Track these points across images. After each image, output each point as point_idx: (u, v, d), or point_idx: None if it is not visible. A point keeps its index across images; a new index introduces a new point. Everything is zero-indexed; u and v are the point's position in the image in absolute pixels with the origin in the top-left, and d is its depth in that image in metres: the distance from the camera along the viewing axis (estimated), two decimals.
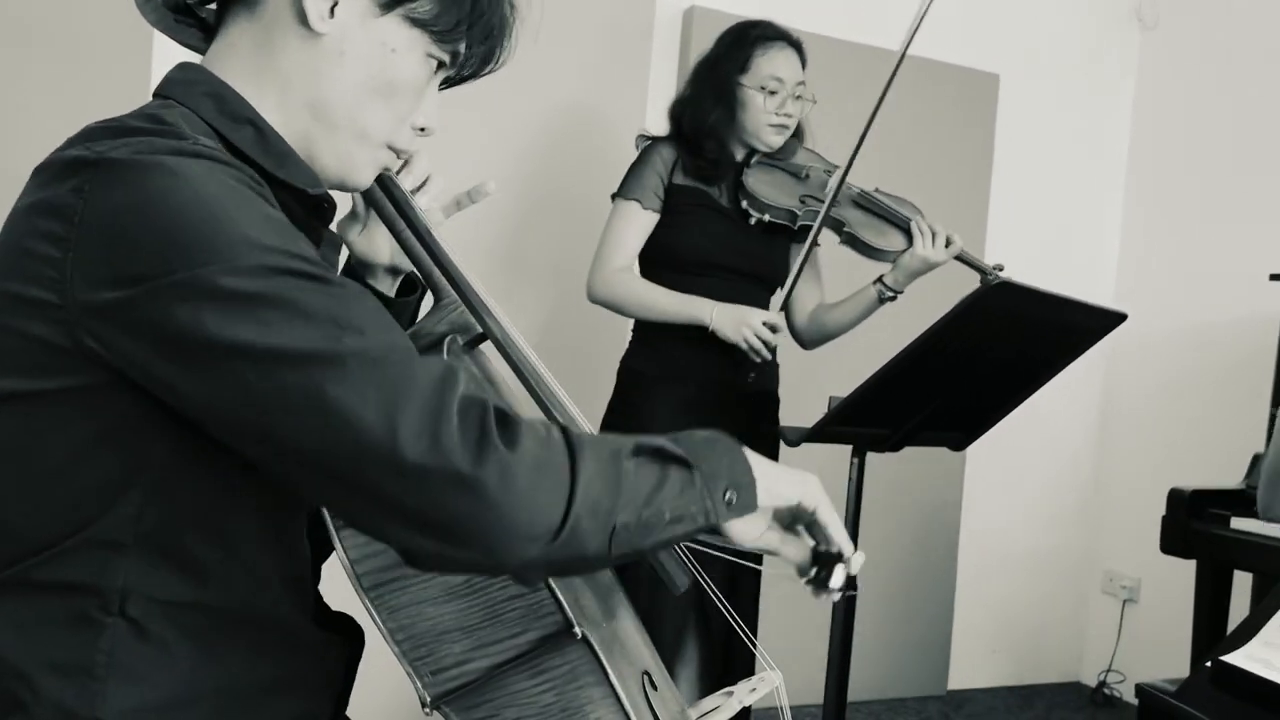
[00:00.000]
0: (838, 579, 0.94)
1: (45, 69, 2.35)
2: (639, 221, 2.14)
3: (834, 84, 3.19)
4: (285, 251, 0.76)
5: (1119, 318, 1.75)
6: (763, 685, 1.01)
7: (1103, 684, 3.61)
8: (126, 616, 0.82)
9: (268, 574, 0.88)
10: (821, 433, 1.69)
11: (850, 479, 1.84)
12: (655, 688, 0.97)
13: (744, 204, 2.15)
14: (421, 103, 0.95)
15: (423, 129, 0.97)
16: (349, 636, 0.98)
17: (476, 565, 0.77)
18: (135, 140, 0.79)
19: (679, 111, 2.23)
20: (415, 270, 1.08)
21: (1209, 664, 1.19)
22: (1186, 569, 2.89)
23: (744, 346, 2.05)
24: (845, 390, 1.74)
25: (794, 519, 0.95)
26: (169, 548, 0.83)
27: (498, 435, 0.73)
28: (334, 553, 0.92)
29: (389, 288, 1.12)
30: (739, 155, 2.19)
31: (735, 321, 2.06)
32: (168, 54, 2.44)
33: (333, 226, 1.01)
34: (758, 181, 2.16)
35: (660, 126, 2.28)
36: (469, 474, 0.71)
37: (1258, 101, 3.34)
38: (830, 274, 2.36)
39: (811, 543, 0.96)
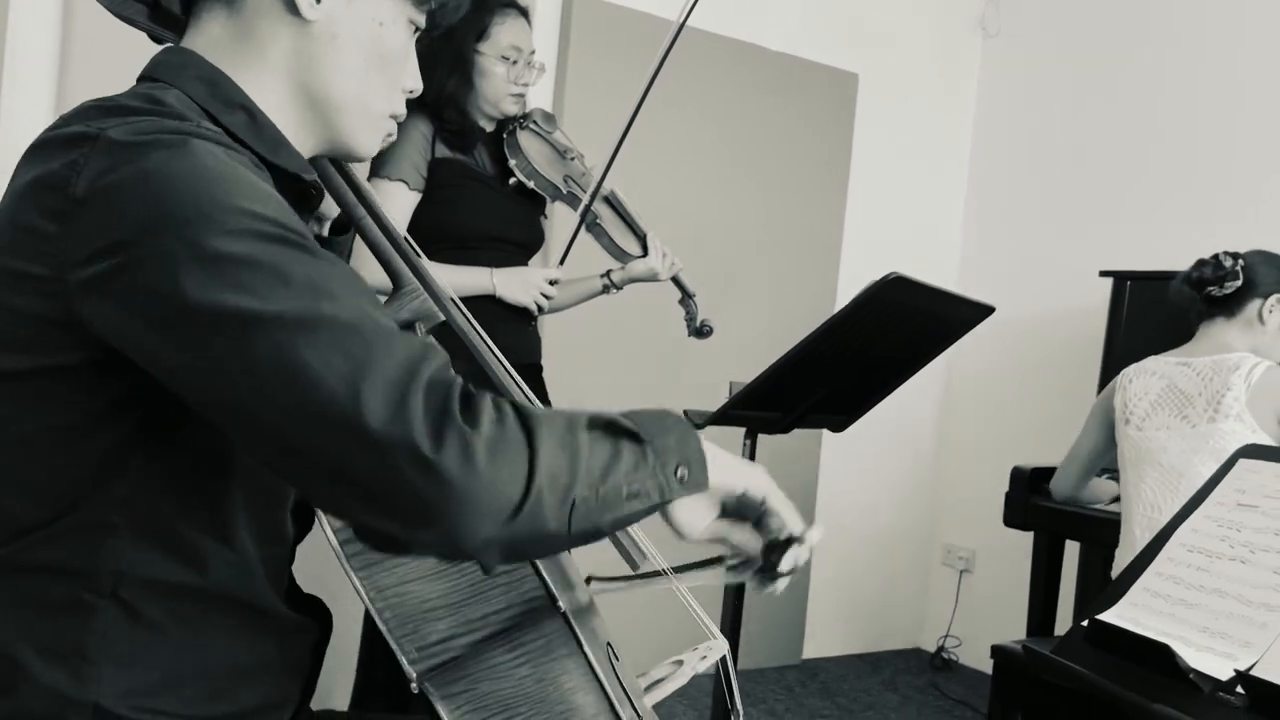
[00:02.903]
0: (788, 562, 0.93)
1: None
2: (405, 202, 2.08)
3: (707, 79, 3.30)
4: (274, 220, 0.76)
5: (988, 310, 1.90)
6: (712, 653, 1.07)
7: (941, 649, 3.87)
8: (118, 599, 0.82)
9: (253, 558, 0.89)
10: (724, 416, 1.77)
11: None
12: (618, 658, 1.02)
13: (511, 163, 2.15)
14: (409, 65, 0.97)
15: (410, 90, 0.98)
16: (319, 620, 1.00)
17: (433, 546, 0.74)
18: (137, 120, 0.78)
19: None
20: (343, 211, 1.07)
21: (1085, 623, 1.33)
22: (1015, 541, 3.13)
23: (533, 307, 2.14)
24: (744, 377, 1.83)
25: (740, 513, 0.94)
26: (161, 530, 0.83)
27: (460, 414, 0.71)
28: (314, 531, 0.93)
29: (316, 229, 1.11)
30: (481, 122, 2.17)
31: (522, 284, 2.13)
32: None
33: None
34: (529, 147, 2.17)
35: None
36: (429, 453, 0.69)
37: (1089, 107, 3.63)
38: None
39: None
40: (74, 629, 0.81)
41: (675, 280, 2.31)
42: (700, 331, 2.33)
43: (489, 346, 1.08)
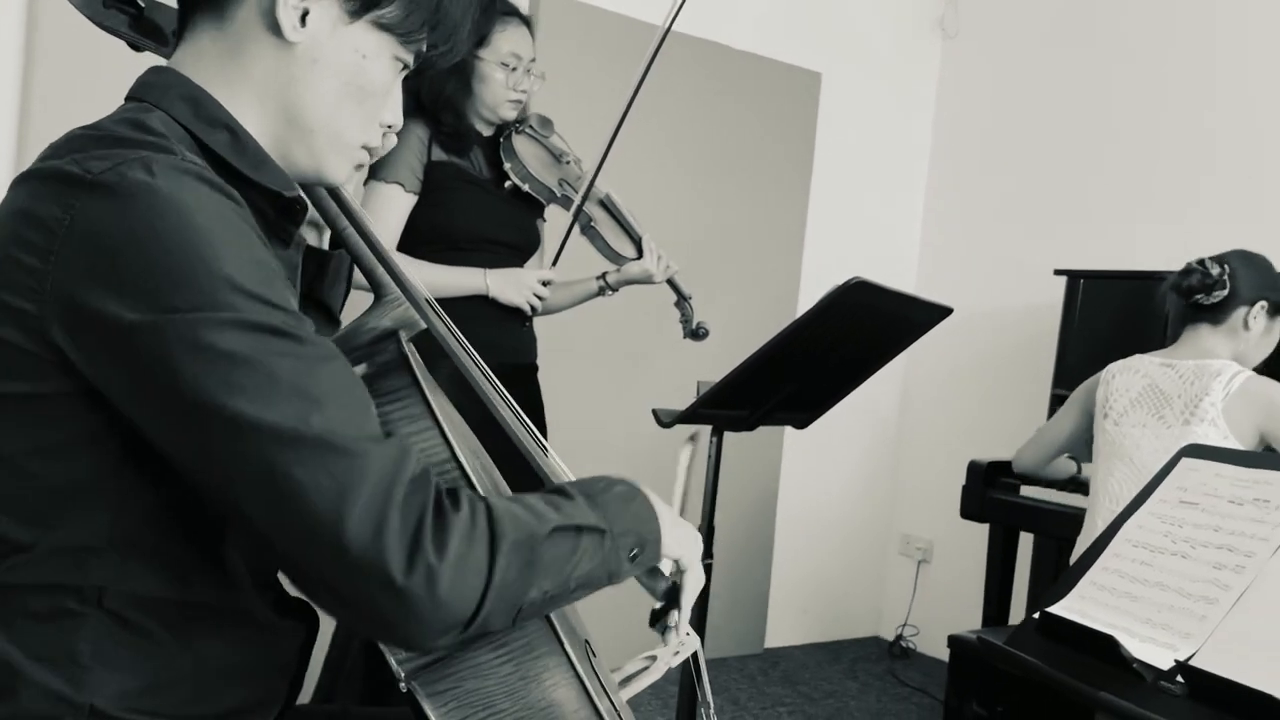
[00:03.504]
0: (672, 620, 1.07)
1: None
2: (401, 204, 2.11)
3: (670, 78, 3.33)
4: (264, 301, 0.78)
5: (946, 311, 1.96)
6: (684, 649, 1.11)
7: (900, 637, 3.95)
8: (105, 609, 0.84)
9: (240, 572, 0.91)
10: (693, 414, 1.82)
11: (710, 455, 1.98)
12: (594, 654, 1.06)
13: (506, 166, 2.18)
14: (390, 101, 0.98)
15: (390, 126, 1.00)
16: (306, 622, 1.02)
17: (390, 644, 0.88)
18: (127, 156, 0.79)
19: (413, 84, 2.19)
20: (326, 223, 1.08)
21: (1036, 615, 1.39)
22: (971, 531, 3.21)
23: (526, 308, 2.18)
24: (709, 375, 1.88)
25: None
26: (145, 550, 0.85)
27: (430, 538, 0.78)
28: None
29: (316, 240, 1.12)
30: (479, 127, 2.20)
31: (516, 285, 2.16)
32: None
33: None
34: (524, 151, 2.21)
35: None
36: (399, 581, 0.76)
37: (1045, 108, 3.71)
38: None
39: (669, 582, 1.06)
40: (65, 636, 0.83)
41: (670, 283, 2.33)
42: (696, 333, 2.34)
43: (469, 352, 1.12)
